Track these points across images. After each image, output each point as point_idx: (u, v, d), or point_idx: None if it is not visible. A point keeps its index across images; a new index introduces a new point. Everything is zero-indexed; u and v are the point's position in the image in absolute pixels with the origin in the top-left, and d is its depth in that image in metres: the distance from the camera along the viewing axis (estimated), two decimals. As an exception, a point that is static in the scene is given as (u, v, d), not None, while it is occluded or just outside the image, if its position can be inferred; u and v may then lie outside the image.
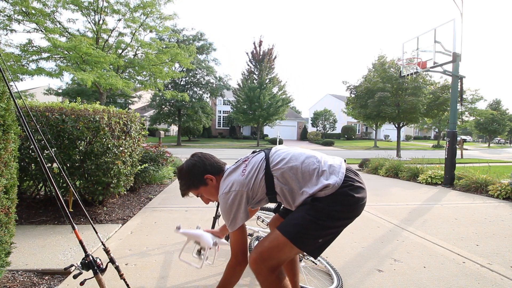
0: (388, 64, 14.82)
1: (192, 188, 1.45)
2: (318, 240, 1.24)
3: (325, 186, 1.23)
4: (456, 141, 6.25)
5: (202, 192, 1.45)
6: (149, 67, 10.71)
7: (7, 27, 8.97)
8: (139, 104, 27.91)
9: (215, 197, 1.46)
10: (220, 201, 1.33)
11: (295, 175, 1.29)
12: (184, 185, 1.45)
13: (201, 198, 1.49)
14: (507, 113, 35.48)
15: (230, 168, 1.43)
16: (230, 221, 1.31)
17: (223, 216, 1.34)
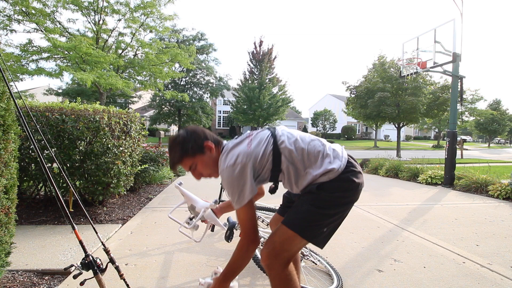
0: (388, 64, 14.82)
1: (187, 155, 1.27)
2: (323, 230, 1.25)
3: (329, 170, 1.24)
4: (456, 141, 6.25)
5: (198, 162, 1.28)
6: (149, 67, 10.72)
7: (7, 27, 8.97)
8: (139, 104, 27.91)
9: (209, 171, 1.31)
10: (224, 175, 1.21)
11: (301, 155, 1.27)
12: (179, 152, 1.27)
13: (192, 173, 1.32)
14: (507, 113, 35.47)
15: (231, 142, 1.32)
16: (238, 196, 1.20)
17: (228, 191, 1.23)
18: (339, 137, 36.52)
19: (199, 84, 24.36)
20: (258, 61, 26.36)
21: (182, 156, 1.27)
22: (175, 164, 1.30)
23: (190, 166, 1.29)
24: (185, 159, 1.28)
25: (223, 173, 1.23)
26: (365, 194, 5.10)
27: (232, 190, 1.21)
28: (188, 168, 1.30)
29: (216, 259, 2.30)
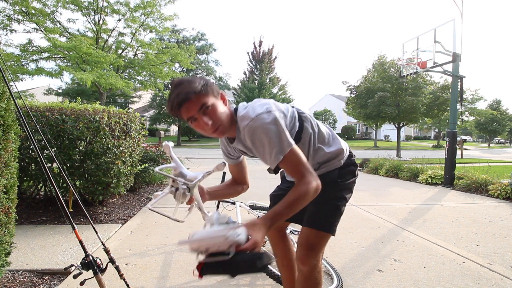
0: (388, 64, 14.83)
1: (200, 92, 0.99)
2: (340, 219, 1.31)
3: (340, 150, 1.30)
4: (456, 141, 6.25)
5: (211, 104, 1.01)
6: (149, 67, 10.73)
7: (7, 27, 8.97)
8: (139, 104, 27.92)
9: (221, 119, 1.03)
10: (257, 125, 1.02)
11: (317, 130, 1.27)
12: (190, 87, 0.98)
13: (199, 119, 1.02)
14: (507, 113, 35.47)
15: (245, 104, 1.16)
16: (279, 141, 1.01)
17: (263, 143, 1.03)
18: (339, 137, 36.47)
19: (199, 84, 24.33)
20: (258, 61, 26.36)
21: (194, 92, 0.97)
22: (181, 104, 0.98)
23: (202, 106, 0.99)
24: (196, 96, 0.98)
25: (254, 124, 1.03)
26: (365, 194, 5.10)
27: (269, 139, 1.02)
28: (199, 108, 0.99)
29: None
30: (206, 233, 0.82)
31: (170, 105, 1.01)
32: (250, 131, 1.05)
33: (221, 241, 0.79)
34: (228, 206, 2.92)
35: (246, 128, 1.06)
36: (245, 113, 1.08)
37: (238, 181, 1.38)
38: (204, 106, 1.00)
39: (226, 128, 1.07)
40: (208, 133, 1.06)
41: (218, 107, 1.04)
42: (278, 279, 1.79)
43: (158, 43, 10.80)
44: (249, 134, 1.06)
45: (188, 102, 0.98)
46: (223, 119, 1.05)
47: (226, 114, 1.07)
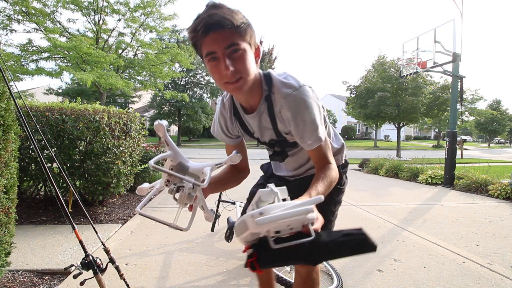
0: (388, 64, 14.84)
1: (243, 32, 0.82)
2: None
3: (342, 146, 1.26)
4: (456, 141, 6.25)
5: (243, 48, 0.82)
6: (149, 67, 10.73)
7: (7, 27, 8.98)
8: (139, 104, 27.92)
9: (246, 68, 0.84)
10: (303, 95, 0.91)
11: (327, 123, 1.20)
12: (235, 18, 0.80)
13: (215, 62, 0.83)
14: (507, 113, 35.50)
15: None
16: (321, 122, 0.95)
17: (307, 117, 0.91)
18: (339, 137, 36.49)
19: (199, 84, 24.38)
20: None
21: (231, 24, 0.79)
22: (208, 30, 0.78)
23: (231, 45, 0.80)
24: (235, 30, 0.80)
25: (299, 95, 0.91)
26: (365, 194, 5.10)
27: (313, 118, 0.92)
28: (227, 45, 0.80)
29: (217, 259, 2.30)
30: (282, 208, 0.60)
31: (195, 26, 0.80)
32: (295, 102, 0.91)
33: (298, 220, 0.60)
34: (228, 206, 2.93)
35: (289, 96, 0.91)
36: (286, 80, 0.94)
37: (239, 166, 1.18)
38: (234, 46, 0.80)
39: (246, 86, 0.87)
40: (223, 81, 0.85)
41: (249, 56, 0.85)
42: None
43: (158, 43, 10.81)
44: (292, 104, 0.91)
45: (218, 32, 0.78)
46: (248, 73, 0.85)
47: (254, 71, 0.88)
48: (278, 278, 1.78)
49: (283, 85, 0.93)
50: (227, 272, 2.09)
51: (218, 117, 1.11)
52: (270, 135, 1.07)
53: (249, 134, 1.10)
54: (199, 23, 0.79)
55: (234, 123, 1.09)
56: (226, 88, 0.88)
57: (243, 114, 1.05)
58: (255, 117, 1.01)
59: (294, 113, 0.92)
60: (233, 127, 1.10)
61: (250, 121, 1.04)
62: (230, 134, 1.12)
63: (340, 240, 0.65)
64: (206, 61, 0.84)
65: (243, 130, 1.09)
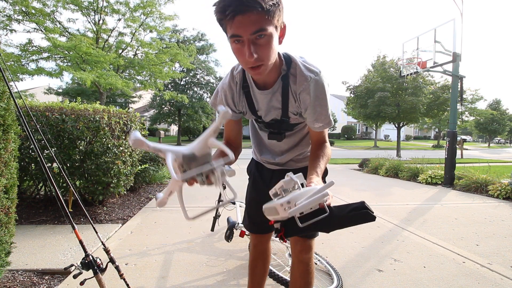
0: (388, 64, 14.84)
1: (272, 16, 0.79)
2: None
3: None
4: (456, 141, 6.25)
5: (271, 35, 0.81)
6: (149, 67, 10.73)
7: (7, 27, 8.97)
8: (139, 104, 27.92)
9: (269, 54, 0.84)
10: (323, 82, 0.98)
11: None
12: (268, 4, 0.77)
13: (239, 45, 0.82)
14: (507, 113, 35.50)
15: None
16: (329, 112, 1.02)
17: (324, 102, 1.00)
18: (339, 137, 36.53)
19: (199, 84, 24.37)
20: (258, 61, 26.28)
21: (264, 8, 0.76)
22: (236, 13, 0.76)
23: (258, 30, 0.78)
24: (263, 14, 0.77)
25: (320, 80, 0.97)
26: (365, 194, 5.10)
27: (327, 103, 1.01)
28: (254, 31, 0.78)
29: (217, 259, 2.30)
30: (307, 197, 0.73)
31: (223, 7, 0.77)
32: (317, 87, 0.97)
33: (319, 201, 0.73)
34: (228, 206, 2.92)
35: (312, 81, 0.97)
36: (308, 64, 0.99)
37: (234, 143, 1.18)
38: (261, 32, 0.79)
39: (266, 70, 0.88)
40: (246, 66, 0.87)
41: (274, 41, 0.84)
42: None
43: (158, 42, 10.80)
44: (314, 88, 0.97)
45: (246, 15, 0.76)
46: (270, 59, 0.86)
47: (275, 55, 0.88)
48: (277, 277, 1.79)
49: (306, 69, 0.97)
50: (227, 272, 2.09)
51: (224, 89, 1.08)
52: (274, 115, 1.09)
53: (252, 111, 1.09)
54: (228, 4, 0.76)
55: (242, 97, 1.08)
56: (248, 71, 0.90)
57: (253, 90, 1.05)
58: (267, 94, 1.02)
59: (315, 98, 0.98)
60: (239, 101, 1.09)
61: (259, 98, 1.05)
62: (234, 107, 1.10)
63: (349, 214, 0.79)
64: (231, 41, 0.84)
65: (248, 106, 1.09)
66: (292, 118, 1.08)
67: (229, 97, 1.08)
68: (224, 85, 1.08)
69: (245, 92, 1.06)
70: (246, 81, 1.05)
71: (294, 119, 1.09)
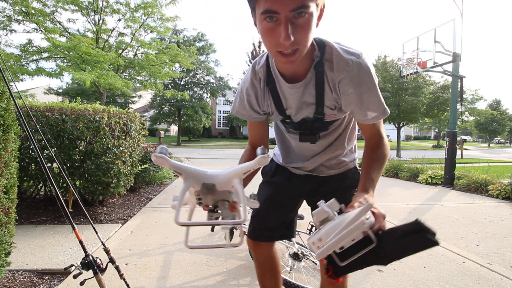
0: (388, 64, 14.84)
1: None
2: None
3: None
4: (456, 141, 6.25)
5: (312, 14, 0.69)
6: (149, 67, 10.72)
7: (7, 27, 8.97)
8: (139, 104, 27.93)
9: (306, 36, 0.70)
10: (367, 65, 0.82)
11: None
12: None
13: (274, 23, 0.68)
14: (507, 113, 35.50)
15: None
16: (381, 98, 0.86)
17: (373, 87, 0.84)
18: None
19: (199, 84, 24.38)
20: (258, 61, 26.26)
21: None
22: None
23: (300, 7, 0.66)
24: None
25: (363, 63, 0.82)
26: (365, 194, 5.09)
27: (377, 88, 0.85)
28: (295, 7, 0.65)
29: (216, 259, 2.30)
30: (337, 231, 0.61)
31: None
32: (360, 69, 0.81)
33: (359, 231, 0.61)
34: (228, 206, 2.91)
35: (354, 64, 0.80)
36: (346, 47, 0.83)
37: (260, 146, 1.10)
38: (302, 9, 0.66)
39: (300, 58, 0.74)
40: (277, 49, 0.71)
41: (313, 22, 0.70)
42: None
43: (159, 43, 10.79)
44: (357, 72, 0.81)
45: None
46: (307, 44, 0.72)
47: (311, 39, 0.73)
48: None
49: (344, 51, 0.81)
50: (227, 272, 2.09)
51: (246, 88, 0.94)
52: (307, 113, 0.92)
53: (279, 111, 0.94)
54: None
55: (267, 95, 0.93)
56: (277, 57, 0.74)
57: (280, 84, 0.90)
58: (299, 88, 0.86)
59: (359, 84, 0.82)
60: (264, 100, 0.94)
61: (289, 93, 0.89)
62: (259, 109, 0.96)
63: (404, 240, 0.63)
64: (261, 19, 0.69)
65: (274, 104, 0.94)
66: (328, 114, 0.92)
67: (252, 97, 0.94)
68: (246, 83, 0.94)
69: (271, 89, 0.91)
70: (271, 76, 0.90)
71: (330, 115, 0.92)
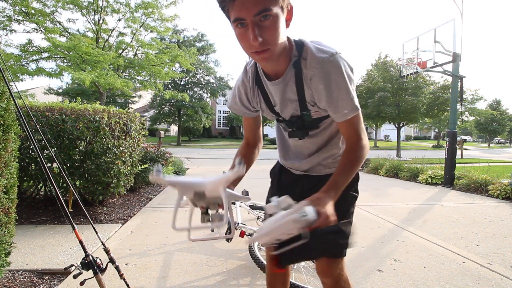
0: (389, 64, 14.85)
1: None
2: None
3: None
4: (456, 141, 6.25)
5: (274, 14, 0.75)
6: (149, 67, 10.72)
7: (7, 27, 8.97)
8: (139, 104, 27.92)
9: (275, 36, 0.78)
10: (338, 63, 0.85)
11: None
12: None
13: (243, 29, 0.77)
14: (507, 113, 35.52)
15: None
16: (355, 93, 0.88)
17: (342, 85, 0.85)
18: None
19: (199, 84, 24.39)
20: (258, 61, 26.28)
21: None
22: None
23: (262, 11, 0.74)
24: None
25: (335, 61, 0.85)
26: (365, 194, 5.10)
27: (348, 86, 0.86)
28: (257, 12, 0.73)
29: (216, 259, 2.30)
30: (273, 223, 0.70)
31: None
32: (330, 67, 0.85)
33: (291, 226, 0.68)
34: (228, 206, 2.91)
35: (324, 61, 0.85)
36: (321, 46, 0.88)
37: (254, 140, 1.16)
38: (265, 12, 0.74)
39: (273, 56, 0.81)
40: (250, 51, 0.80)
41: (280, 23, 0.78)
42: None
43: (159, 43, 10.79)
44: (327, 69, 0.85)
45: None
46: (276, 43, 0.79)
47: (283, 39, 0.81)
48: None
49: (318, 50, 0.87)
50: (227, 272, 2.09)
51: (238, 86, 1.04)
52: (293, 109, 0.98)
53: (270, 108, 1.02)
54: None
55: (256, 93, 1.02)
56: (253, 57, 0.84)
57: (265, 82, 0.97)
58: (279, 84, 0.93)
59: (329, 81, 0.85)
60: (253, 97, 1.03)
61: (273, 90, 0.96)
62: (249, 105, 1.05)
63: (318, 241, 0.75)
64: (234, 26, 0.79)
65: (264, 102, 1.02)
66: (313, 111, 0.96)
67: (243, 94, 1.03)
68: (238, 82, 1.04)
69: (259, 87, 1.00)
70: (259, 75, 0.98)
71: (315, 112, 0.97)
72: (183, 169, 7.01)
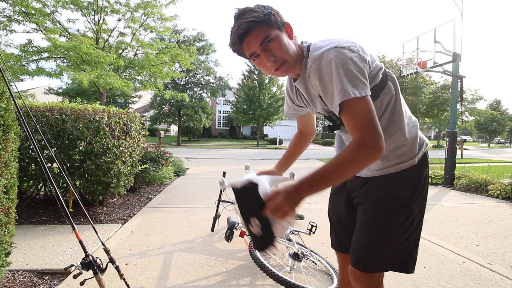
0: (387, 64, 14.86)
1: (264, 23, 0.89)
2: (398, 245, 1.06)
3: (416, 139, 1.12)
4: (456, 141, 6.25)
5: (274, 36, 0.90)
6: (149, 67, 10.71)
7: (7, 28, 8.97)
8: (139, 104, 27.93)
9: (284, 53, 0.92)
10: (330, 56, 0.86)
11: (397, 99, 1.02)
12: (255, 16, 0.88)
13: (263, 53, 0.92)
14: (507, 113, 35.52)
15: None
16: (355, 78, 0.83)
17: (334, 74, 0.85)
18: (339, 137, 36.47)
19: (199, 84, 24.38)
20: (258, 61, 26.24)
21: (259, 21, 0.88)
22: (242, 39, 0.90)
23: (264, 39, 0.90)
24: (261, 26, 0.89)
25: (329, 54, 0.87)
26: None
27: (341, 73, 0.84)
28: (260, 42, 0.90)
29: (216, 259, 2.30)
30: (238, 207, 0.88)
31: (232, 40, 0.93)
32: (322, 63, 0.88)
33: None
34: (228, 206, 2.93)
35: (317, 58, 0.89)
36: (322, 43, 0.94)
37: (307, 130, 1.31)
38: (266, 39, 0.90)
39: (291, 65, 0.95)
40: (271, 72, 0.96)
41: (283, 40, 0.92)
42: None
43: (159, 43, 10.79)
44: (319, 65, 0.89)
45: (250, 35, 0.89)
46: (288, 55, 0.93)
47: (292, 49, 0.95)
48: (277, 277, 1.78)
49: (316, 48, 0.93)
50: (227, 272, 2.09)
51: (285, 91, 1.22)
52: (321, 104, 1.03)
53: (307, 105, 1.13)
54: (233, 37, 0.92)
55: (296, 92, 1.15)
56: (277, 75, 0.98)
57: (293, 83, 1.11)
58: (300, 83, 1.05)
59: (321, 74, 0.89)
60: (295, 96, 1.17)
61: (300, 88, 1.07)
62: (294, 105, 1.20)
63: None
64: (252, 60, 0.96)
65: (302, 100, 1.14)
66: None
67: (289, 95, 1.19)
68: (286, 87, 1.21)
69: (296, 88, 1.12)
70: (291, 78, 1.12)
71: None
72: (183, 169, 7.01)
